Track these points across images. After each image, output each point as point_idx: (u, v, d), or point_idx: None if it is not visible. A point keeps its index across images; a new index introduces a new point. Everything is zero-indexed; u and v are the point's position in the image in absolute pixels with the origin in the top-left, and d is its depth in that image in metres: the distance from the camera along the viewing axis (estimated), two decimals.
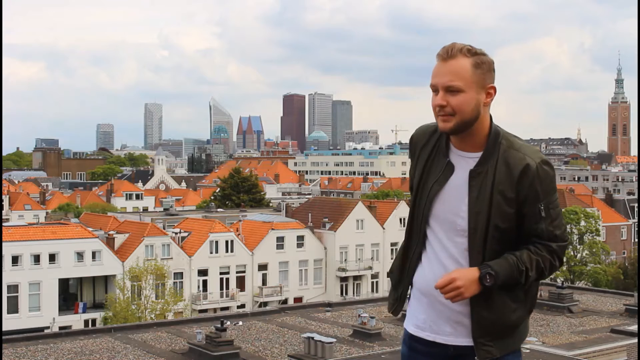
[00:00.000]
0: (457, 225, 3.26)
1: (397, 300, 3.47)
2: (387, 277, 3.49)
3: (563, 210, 63.90)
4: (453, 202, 3.27)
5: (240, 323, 28.93)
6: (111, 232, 53.43)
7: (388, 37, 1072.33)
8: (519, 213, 3.22)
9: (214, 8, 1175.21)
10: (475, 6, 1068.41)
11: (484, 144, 3.24)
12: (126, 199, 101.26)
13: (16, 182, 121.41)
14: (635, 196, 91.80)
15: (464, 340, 3.31)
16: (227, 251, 55.17)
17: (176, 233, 55.26)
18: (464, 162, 3.27)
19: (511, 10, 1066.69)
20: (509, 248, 3.24)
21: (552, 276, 55.71)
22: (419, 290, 3.39)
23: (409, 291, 3.46)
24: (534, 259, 3.20)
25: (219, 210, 78.50)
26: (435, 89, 3.20)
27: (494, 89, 3.21)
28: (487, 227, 3.21)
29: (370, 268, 59.55)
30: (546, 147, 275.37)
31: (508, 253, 3.21)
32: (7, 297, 47.35)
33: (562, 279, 52.08)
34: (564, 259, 3.45)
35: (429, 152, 3.36)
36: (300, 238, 58.61)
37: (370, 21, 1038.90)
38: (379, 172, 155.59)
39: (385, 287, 60.85)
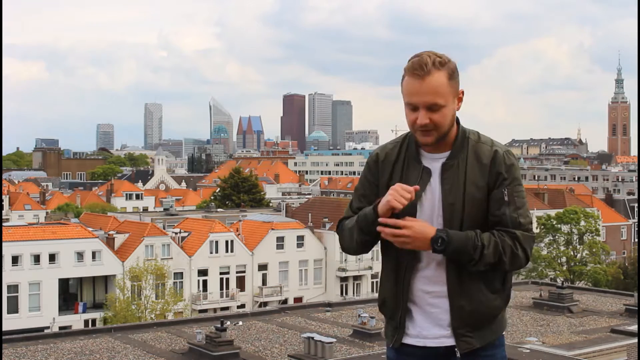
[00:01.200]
0: (438, 224, 3.33)
1: (398, 329, 3.48)
2: (380, 312, 3.60)
3: (563, 210, 64.05)
4: (434, 202, 3.36)
5: (240, 323, 28.93)
6: (111, 232, 53.45)
7: (387, 37, 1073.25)
8: (488, 200, 3.32)
9: (214, 8, 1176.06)
10: (474, 6, 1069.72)
11: (452, 143, 3.37)
12: (126, 199, 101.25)
13: (16, 182, 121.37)
14: (635, 196, 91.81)
15: (450, 341, 3.40)
16: (227, 251, 55.17)
17: (176, 233, 55.26)
18: (436, 163, 3.38)
19: (510, 10, 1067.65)
20: None
21: (552, 276, 55.87)
22: (412, 296, 3.43)
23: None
24: (492, 240, 3.25)
25: (219, 210, 78.52)
26: (413, 107, 3.27)
27: (463, 92, 3.34)
28: (462, 218, 3.30)
29: (370, 268, 59.55)
30: (546, 147, 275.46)
31: (470, 230, 3.29)
32: (7, 297, 47.34)
33: (562, 279, 52.08)
34: (565, 259, 3.48)
35: (401, 165, 3.44)
36: (300, 238, 58.63)
37: (369, 21, 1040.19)
38: None
39: None
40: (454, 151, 3.36)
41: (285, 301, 54.52)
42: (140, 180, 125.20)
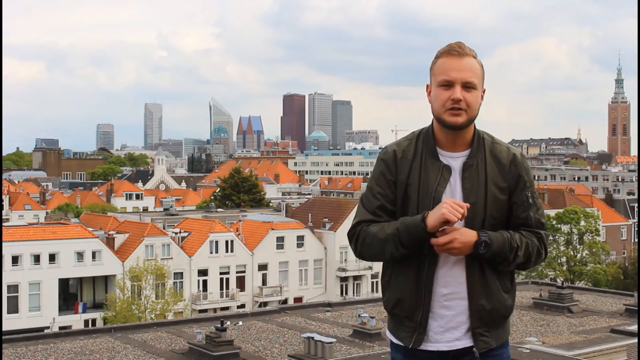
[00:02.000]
0: (459, 223, 3.31)
1: (417, 328, 3.41)
2: (391, 312, 3.48)
3: (563, 210, 63.99)
4: (455, 199, 3.35)
5: (240, 323, 28.93)
6: (111, 232, 53.42)
7: (387, 37, 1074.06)
8: (510, 202, 3.38)
9: (213, 8, 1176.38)
10: (474, 6, 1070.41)
11: (470, 142, 3.40)
12: (126, 199, 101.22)
13: (16, 182, 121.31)
14: (635, 196, 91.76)
15: (462, 343, 3.40)
16: (227, 251, 55.15)
17: (176, 233, 55.23)
18: (454, 161, 3.39)
19: (509, 10, 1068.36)
20: None
21: (551, 276, 55.81)
22: (432, 298, 3.41)
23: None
24: (524, 241, 3.34)
25: (219, 210, 78.49)
26: (448, 84, 3.29)
27: (484, 91, 3.42)
28: (484, 218, 3.33)
29: (370, 268, 59.53)
30: (546, 147, 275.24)
31: (503, 231, 3.35)
32: (7, 297, 47.32)
33: (562, 279, 52.05)
34: (565, 259, 3.56)
35: (419, 162, 3.41)
36: (300, 238, 58.60)
37: (369, 21, 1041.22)
38: None
39: None
40: (473, 150, 3.38)
41: (285, 301, 54.51)
42: (140, 180, 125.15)
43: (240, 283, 55.97)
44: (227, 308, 53.11)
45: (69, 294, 51.74)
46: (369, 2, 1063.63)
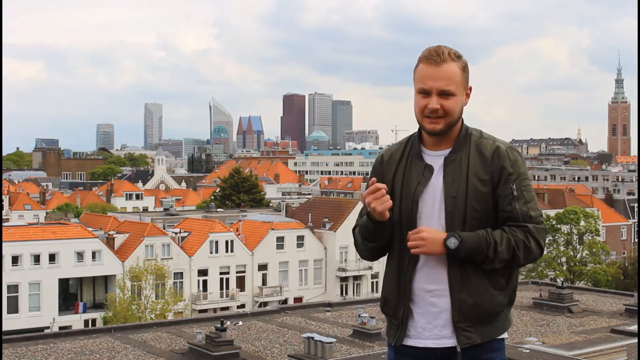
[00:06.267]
0: (440, 219, 3.36)
1: (399, 328, 3.48)
2: (382, 311, 3.61)
3: (563, 210, 64.00)
4: (436, 197, 3.38)
5: (240, 323, 28.93)
6: (111, 232, 53.41)
7: (386, 37, 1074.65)
8: (494, 195, 3.35)
9: (211, 9, 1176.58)
10: (472, 6, 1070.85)
11: (455, 140, 3.42)
12: (126, 199, 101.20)
13: (16, 182, 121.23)
14: (635, 196, 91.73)
15: (450, 341, 3.40)
16: (227, 251, 55.15)
17: (176, 233, 55.23)
18: (438, 160, 3.42)
19: (508, 10, 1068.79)
20: None
21: (551, 276, 55.82)
22: (413, 295, 3.45)
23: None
24: (504, 236, 3.30)
25: (219, 210, 78.46)
26: (425, 92, 3.33)
27: (471, 89, 3.43)
28: (465, 210, 3.32)
29: (371, 268, 59.54)
30: (546, 147, 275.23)
31: (480, 230, 3.33)
32: (7, 297, 47.31)
33: (562, 279, 52.05)
34: (565, 259, 3.50)
35: (404, 164, 3.49)
36: (300, 238, 58.59)
37: (367, 21, 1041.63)
38: None
39: None
40: (456, 146, 3.40)
41: (285, 301, 54.50)
42: (140, 180, 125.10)
43: (240, 283, 55.97)
44: (227, 308, 53.11)
45: (69, 294, 51.73)
46: (367, 2, 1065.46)
